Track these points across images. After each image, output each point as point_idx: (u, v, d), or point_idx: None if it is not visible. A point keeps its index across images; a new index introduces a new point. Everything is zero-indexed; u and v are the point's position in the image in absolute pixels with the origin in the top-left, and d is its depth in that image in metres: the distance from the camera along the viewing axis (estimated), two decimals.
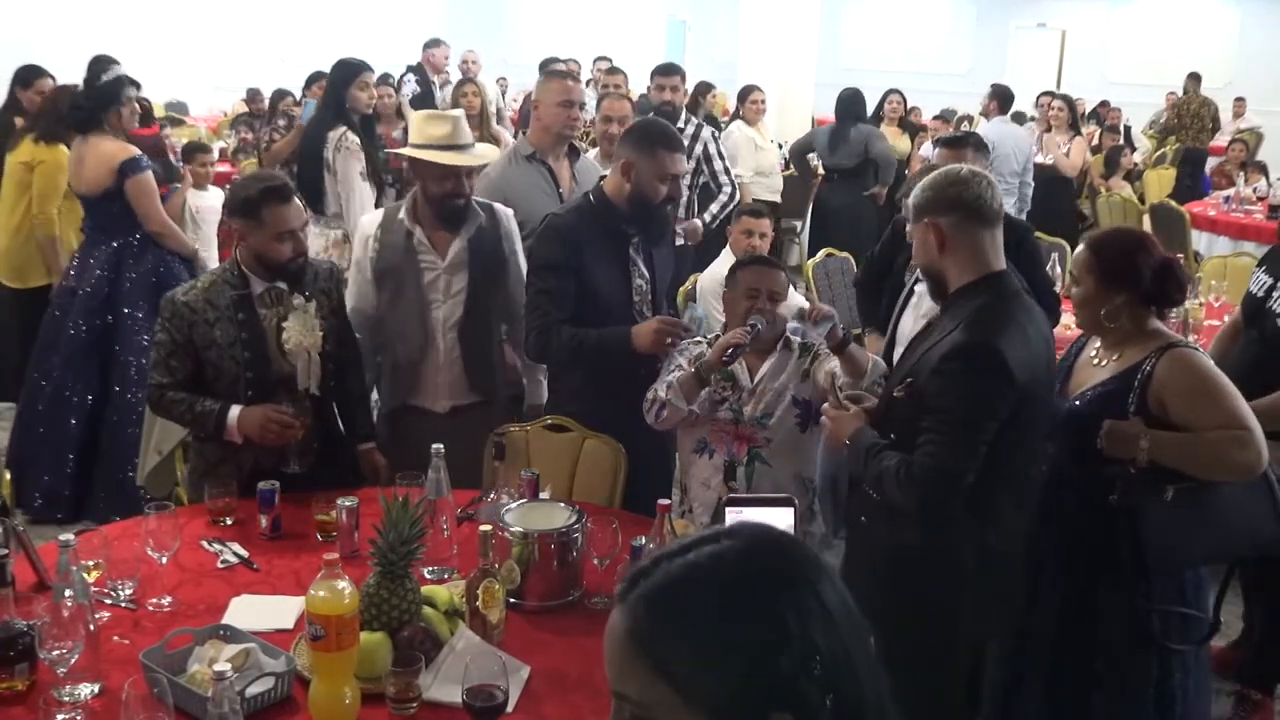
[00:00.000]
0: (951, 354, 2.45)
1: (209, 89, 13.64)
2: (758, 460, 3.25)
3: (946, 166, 2.72)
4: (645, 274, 3.49)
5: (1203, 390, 2.60)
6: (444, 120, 3.43)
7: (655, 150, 3.32)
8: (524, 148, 4.27)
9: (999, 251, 2.59)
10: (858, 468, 2.65)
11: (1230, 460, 2.57)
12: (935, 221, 2.56)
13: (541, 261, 3.37)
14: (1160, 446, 2.57)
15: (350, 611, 2.08)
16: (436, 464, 2.72)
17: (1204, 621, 2.73)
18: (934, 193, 2.59)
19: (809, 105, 11.57)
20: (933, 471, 2.44)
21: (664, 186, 3.36)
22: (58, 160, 4.95)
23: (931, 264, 2.63)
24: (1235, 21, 16.62)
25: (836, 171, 7.85)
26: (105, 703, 2.13)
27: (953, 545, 2.53)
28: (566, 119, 4.20)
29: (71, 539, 2.23)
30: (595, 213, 3.39)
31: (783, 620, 1.06)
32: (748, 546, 1.13)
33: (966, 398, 2.43)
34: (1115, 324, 2.69)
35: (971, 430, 2.43)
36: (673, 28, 19.64)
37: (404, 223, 3.41)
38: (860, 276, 4.73)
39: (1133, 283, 2.66)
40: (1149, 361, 2.63)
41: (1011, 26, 18.80)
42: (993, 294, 2.54)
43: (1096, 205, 9.35)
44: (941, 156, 4.09)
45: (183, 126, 10.64)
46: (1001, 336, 2.45)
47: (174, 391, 3.08)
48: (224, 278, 3.14)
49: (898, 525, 2.57)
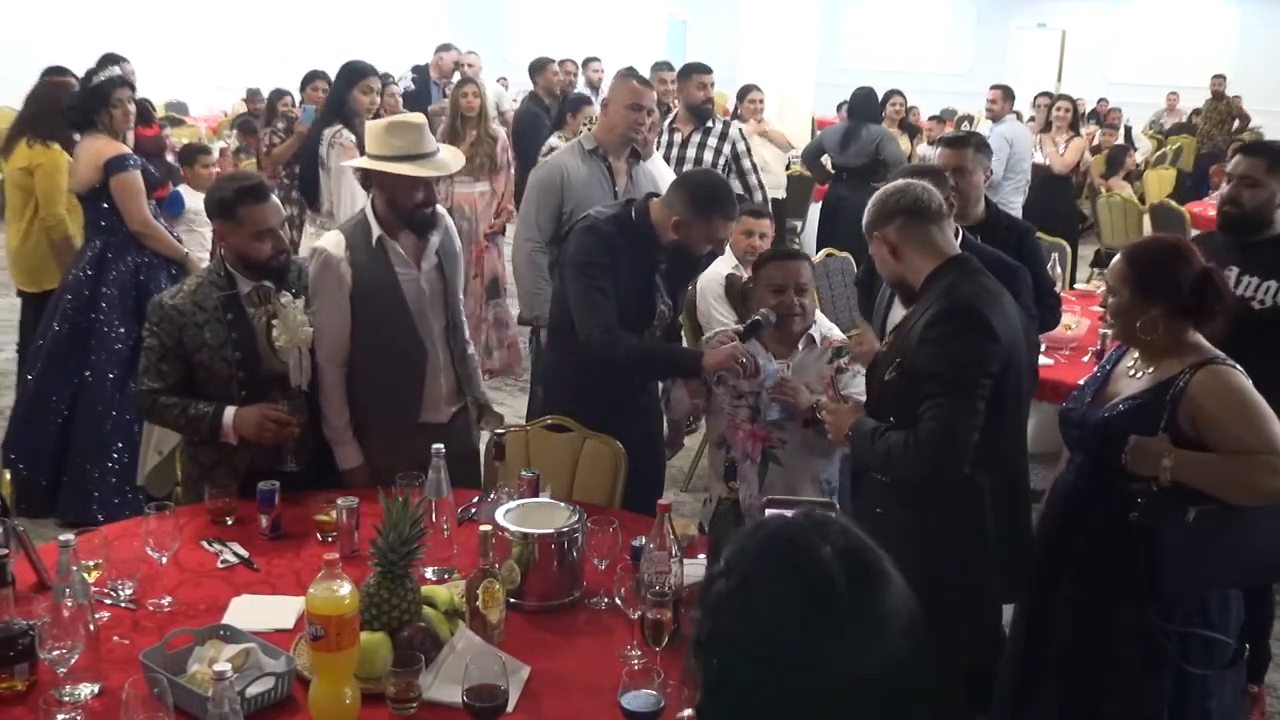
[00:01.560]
0: (933, 320, 2.58)
1: (209, 89, 13.65)
2: (772, 460, 3.24)
3: (885, 186, 2.86)
4: (668, 300, 3.48)
5: (1237, 410, 2.50)
6: (407, 129, 3.18)
7: (711, 218, 3.27)
8: (588, 141, 4.34)
9: (951, 242, 2.76)
10: (865, 453, 2.72)
11: (1258, 485, 2.48)
12: (883, 233, 2.74)
13: (590, 259, 3.31)
14: (1185, 467, 2.48)
15: (350, 611, 2.08)
16: (436, 464, 2.72)
17: (1228, 645, 2.61)
18: (874, 209, 2.78)
19: (809, 105, 11.56)
20: (938, 434, 2.51)
21: (710, 247, 3.36)
22: (54, 160, 4.95)
23: (893, 274, 2.78)
24: (1235, 21, 16.63)
25: (846, 170, 7.85)
26: (105, 703, 2.12)
27: (964, 508, 2.63)
28: (633, 121, 4.23)
29: (72, 539, 2.23)
30: (634, 230, 3.35)
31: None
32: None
33: (957, 357, 2.54)
34: (1151, 336, 2.59)
35: (968, 387, 2.53)
36: (673, 28, 19.64)
37: (375, 238, 3.18)
38: (861, 275, 4.72)
39: (1170, 294, 2.56)
40: (1184, 377, 2.53)
41: (1011, 26, 18.81)
42: (957, 272, 2.68)
43: (1096, 205, 9.36)
44: (943, 156, 4.07)
45: (183, 126, 10.65)
46: (979, 300, 2.60)
47: (166, 396, 3.06)
48: (210, 279, 3.13)
49: (918, 505, 2.63)
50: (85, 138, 4.69)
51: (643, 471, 3.42)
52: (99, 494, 4.61)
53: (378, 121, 3.31)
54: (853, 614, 1.20)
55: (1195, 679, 2.59)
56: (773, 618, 1.21)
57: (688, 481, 5.41)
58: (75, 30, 11.54)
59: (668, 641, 2.27)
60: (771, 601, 1.22)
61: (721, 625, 1.24)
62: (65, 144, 4.95)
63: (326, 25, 15.00)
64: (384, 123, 3.26)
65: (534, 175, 4.49)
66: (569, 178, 4.24)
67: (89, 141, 4.67)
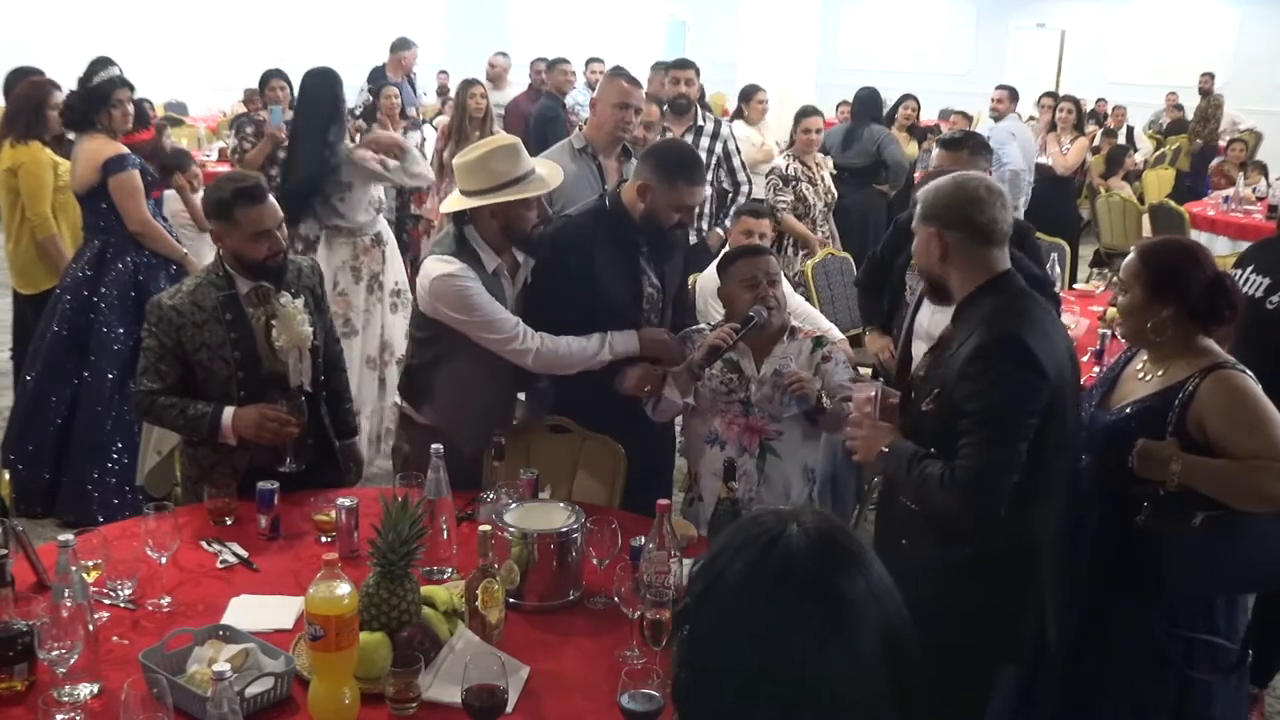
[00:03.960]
0: (976, 353, 2.38)
1: (209, 89, 13.64)
2: (769, 452, 3.28)
3: (965, 175, 2.64)
4: (655, 282, 3.49)
5: (1245, 416, 2.48)
6: (504, 153, 3.18)
7: (675, 181, 3.29)
8: (578, 140, 4.36)
9: (1003, 260, 2.55)
10: (899, 477, 2.52)
11: (1266, 492, 2.46)
12: (940, 231, 2.52)
13: (549, 264, 3.33)
14: (1192, 471, 2.47)
15: (350, 611, 2.08)
16: (436, 464, 2.72)
17: (1231, 650, 2.60)
18: (946, 205, 2.52)
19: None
20: (973, 473, 2.33)
21: (677, 215, 3.36)
22: (36, 158, 4.95)
23: (931, 269, 2.59)
24: (1235, 21, 16.61)
25: (847, 170, 7.86)
26: (105, 703, 2.13)
27: (998, 550, 2.43)
28: (620, 120, 4.26)
29: (71, 539, 2.23)
30: (609, 217, 3.39)
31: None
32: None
33: (999, 394, 2.35)
34: (1161, 337, 2.59)
35: (1009, 427, 2.34)
36: (672, 28, 19.64)
37: (492, 267, 3.22)
38: (861, 276, 4.72)
39: (1181, 295, 2.56)
40: (1193, 381, 2.52)
41: (1011, 26, 18.80)
42: (1002, 294, 2.50)
43: (1096, 205, 9.36)
44: (941, 158, 4.07)
45: (182, 126, 10.65)
46: (1024, 331, 2.39)
47: (164, 397, 3.06)
48: (209, 280, 3.13)
49: (944, 541, 2.46)
50: (84, 138, 4.70)
51: (652, 471, 3.42)
52: (98, 494, 4.62)
53: (470, 156, 3.22)
54: (815, 593, 1.20)
55: (1199, 683, 2.58)
56: (738, 591, 1.22)
57: (687, 481, 5.40)
58: (75, 31, 11.55)
59: (667, 641, 2.27)
60: (737, 576, 1.23)
61: (693, 601, 1.27)
62: (45, 141, 4.96)
63: (326, 26, 15.01)
64: (479, 154, 3.20)
65: None
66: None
67: (87, 142, 4.67)
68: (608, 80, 4.41)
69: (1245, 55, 15.84)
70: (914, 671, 1.23)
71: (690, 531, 2.99)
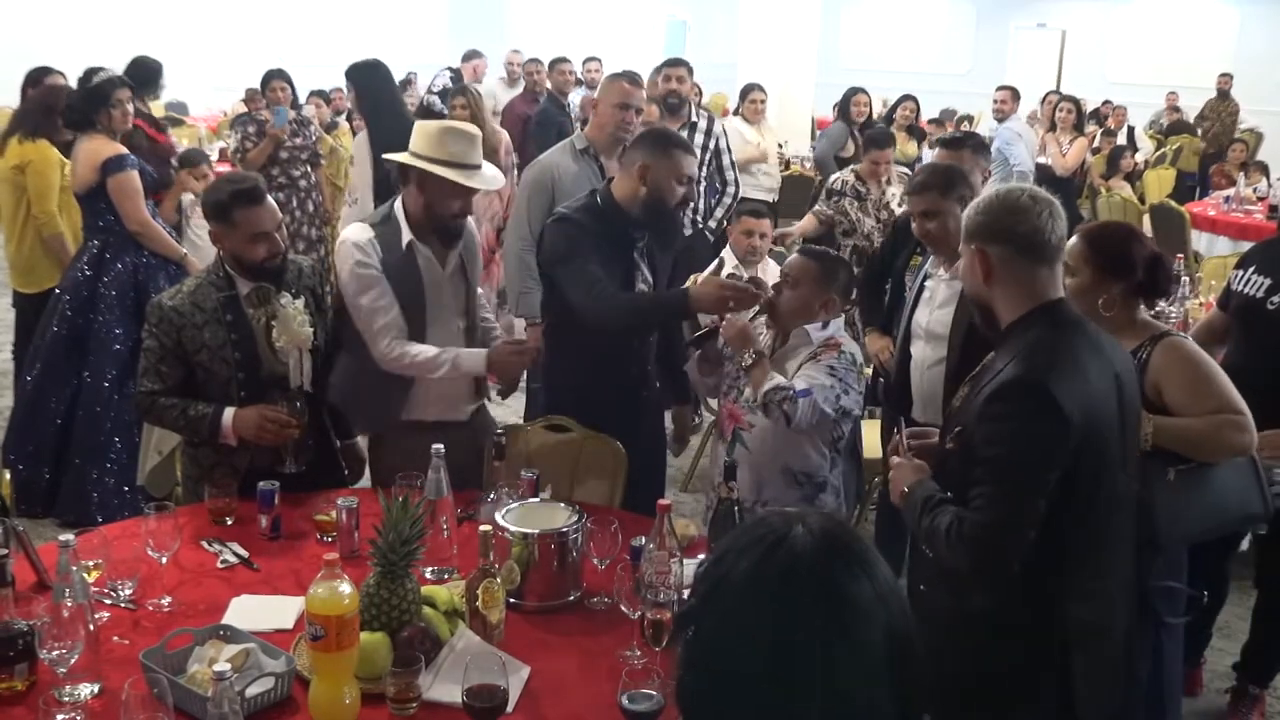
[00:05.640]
0: (996, 395, 2.19)
1: (209, 89, 13.63)
2: (739, 443, 3.29)
3: (1008, 185, 2.44)
4: (648, 278, 3.50)
5: (1197, 377, 2.74)
6: (463, 136, 3.15)
7: (671, 152, 3.33)
8: (580, 141, 4.39)
9: (1056, 281, 2.32)
10: (910, 522, 2.36)
11: (1229, 442, 2.71)
12: (983, 249, 2.30)
13: (570, 245, 3.32)
14: (1164, 432, 2.69)
15: (350, 611, 2.08)
16: (436, 464, 2.72)
17: (1190, 595, 2.90)
18: (987, 217, 2.32)
19: (809, 105, 11.57)
20: (981, 528, 2.15)
21: (681, 188, 3.37)
22: (44, 156, 4.96)
23: (978, 293, 2.37)
24: (1234, 21, 16.62)
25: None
26: (105, 703, 2.13)
27: (1023, 615, 2.25)
28: (622, 120, 4.29)
29: (71, 539, 2.23)
30: (602, 214, 3.39)
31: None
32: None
33: (1015, 443, 2.15)
34: (1111, 313, 2.77)
35: (1022, 481, 2.15)
36: (672, 28, 19.64)
37: (405, 242, 3.18)
38: (861, 276, 4.72)
39: (1128, 272, 2.79)
40: (1144, 350, 2.76)
41: (1011, 26, 18.81)
42: (1046, 326, 2.26)
43: (1096, 205, 9.36)
44: (940, 157, 4.08)
45: (183, 126, 10.64)
46: (1053, 372, 2.16)
47: (165, 398, 3.06)
48: (210, 280, 3.13)
49: (958, 591, 2.30)
50: (84, 138, 4.70)
51: (643, 471, 3.42)
52: (98, 494, 4.62)
53: (434, 123, 3.25)
54: (820, 595, 1.20)
55: (1173, 628, 2.89)
56: (743, 592, 1.22)
57: (687, 481, 5.41)
58: (75, 31, 11.55)
59: (668, 641, 2.27)
60: (742, 577, 1.23)
61: (698, 602, 1.27)
62: (53, 140, 4.96)
63: (326, 26, 15.00)
64: (441, 125, 3.21)
65: (526, 175, 4.51)
66: (560, 178, 4.25)
67: (87, 142, 4.67)
68: (609, 82, 4.43)
69: (1245, 55, 15.83)
70: (919, 672, 1.23)
71: (690, 531, 2.99)
